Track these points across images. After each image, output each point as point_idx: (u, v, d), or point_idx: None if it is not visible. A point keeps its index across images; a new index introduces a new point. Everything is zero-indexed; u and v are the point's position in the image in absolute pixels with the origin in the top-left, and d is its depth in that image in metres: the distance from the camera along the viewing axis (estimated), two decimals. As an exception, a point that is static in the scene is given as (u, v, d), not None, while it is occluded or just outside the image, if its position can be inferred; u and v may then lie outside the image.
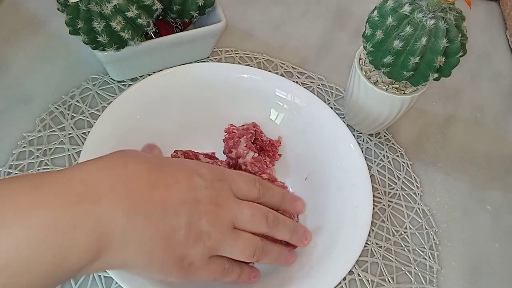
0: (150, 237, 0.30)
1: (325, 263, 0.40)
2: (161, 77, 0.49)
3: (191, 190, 0.33)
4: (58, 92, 0.55)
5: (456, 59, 0.44)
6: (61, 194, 0.27)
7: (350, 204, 0.43)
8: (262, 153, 0.50)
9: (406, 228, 0.51)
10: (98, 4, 0.46)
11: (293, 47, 0.65)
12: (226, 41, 0.63)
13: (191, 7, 0.54)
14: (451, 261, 0.49)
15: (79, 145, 0.51)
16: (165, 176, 0.33)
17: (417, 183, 0.55)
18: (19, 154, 0.50)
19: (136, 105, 0.47)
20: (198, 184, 0.34)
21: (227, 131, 0.50)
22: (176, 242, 0.32)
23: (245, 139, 0.48)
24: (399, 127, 0.59)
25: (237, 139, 0.48)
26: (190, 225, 0.32)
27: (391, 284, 0.47)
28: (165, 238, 0.31)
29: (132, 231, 0.29)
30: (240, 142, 0.48)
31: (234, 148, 0.48)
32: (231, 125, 0.51)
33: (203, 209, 0.33)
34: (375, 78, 0.50)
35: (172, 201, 0.32)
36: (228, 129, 0.50)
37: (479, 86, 0.66)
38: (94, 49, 0.50)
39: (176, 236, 0.32)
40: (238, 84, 0.50)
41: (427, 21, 0.42)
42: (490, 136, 0.61)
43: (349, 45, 0.66)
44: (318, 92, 0.60)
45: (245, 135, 0.48)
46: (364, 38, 0.46)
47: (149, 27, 0.50)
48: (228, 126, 0.51)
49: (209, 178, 0.35)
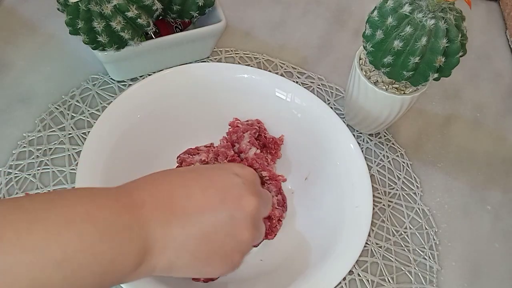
0: (189, 236, 0.32)
1: (325, 263, 0.40)
2: (161, 77, 0.49)
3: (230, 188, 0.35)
4: (58, 92, 0.55)
5: (456, 59, 0.44)
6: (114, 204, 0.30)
7: (350, 204, 0.43)
8: (264, 150, 0.50)
9: (406, 228, 0.51)
10: (98, 4, 0.46)
11: (293, 47, 0.65)
12: (226, 41, 0.63)
13: (191, 7, 0.54)
14: (451, 261, 0.49)
15: (79, 145, 0.51)
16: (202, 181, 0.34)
17: (417, 183, 0.55)
18: (19, 154, 0.50)
19: (136, 105, 0.47)
20: (236, 182, 0.35)
21: (231, 124, 0.50)
22: (220, 239, 0.33)
23: (249, 134, 0.48)
24: (399, 127, 0.59)
25: (241, 133, 0.48)
26: (233, 221, 0.33)
27: (391, 284, 0.47)
28: (206, 235, 0.32)
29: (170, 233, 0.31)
30: (243, 137, 0.48)
31: (237, 142, 0.48)
32: (235, 119, 0.50)
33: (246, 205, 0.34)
34: (375, 78, 0.50)
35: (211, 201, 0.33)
36: (232, 122, 0.50)
37: (479, 86, 0.66)
38: (94, 49, 0.50)
39: (220, 233, 0.33)
40: (238, 84, 0.50)
41: (427, 21, 0.42)
42: (490, 136, 0.61)
43: (349, 45, 0.66)
44: (318, 92, 0.60)
45: (249, 131, 0.48)
46: (364, 38, 0.46)
47: (149, 27, 0.50)
48: (233, 120, 0.50)
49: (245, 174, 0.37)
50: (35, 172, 0.49)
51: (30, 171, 0.49)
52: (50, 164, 0.50)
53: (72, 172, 0.50)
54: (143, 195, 0.31)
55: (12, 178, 0.48)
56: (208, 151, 0.48)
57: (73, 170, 0.50)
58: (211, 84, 0.50)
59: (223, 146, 0.48)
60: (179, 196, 0.33)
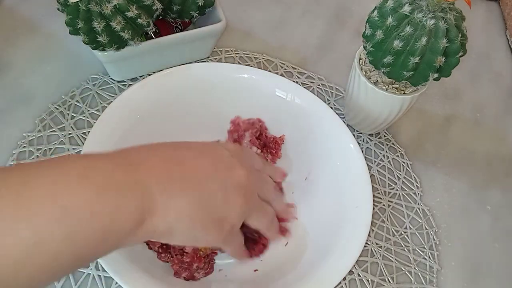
0: (188, 200, 0.32)
1: (325, 263, 0.40)
2: (161, 77, 0.49)
3: (220, 159, 0.36)
4: (58, 92, 0.55)
5: (456, 59, 0.44)
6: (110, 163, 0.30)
7: (350, 204, 0.43)
8: (265, 149, 0.50)
9: (406, 228, 0.51)
10: (98, 4, 0.46)
11: (293, 47, 0.65)
12: (226, 41, 0.63)
13: (191, 7, 0.54)
14: (451, 261, 0.50)
15: (79, 145, 0.51)
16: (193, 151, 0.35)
17: (417, 183, 0.55)
18: (19, 154, 0.50)
19: (136, 105, 0.47)
20: (225, 154, 0.36)
21: (233, 122, 0.50)
22: (214, 205, 0.33)
23: (249, 133, 0.48)
24: (399, 127, 0.59)
25: (242, 132, 0.48)
26: (226, 189, 0.34)
27: (391, 284, 0.47)
28: (203, 200, 0.33)
29: (170, 196, 0.31)
30: (244, 136, 0.48)
31: (238, 141, 0.48)
32: (237, 117, 0.51)
33: (236, 175, 0.35)
34: (375, 78, 0.50)
35: (204, 168, 0.34)
36: (234, 120, 0.50)
37: (479, 86, 0.66)
38: (94, 49, 0.50)
39: (213, 199, 0.33)
40: (238, 84, 0.50)
41: (427, 21, 0.42)
42: (490, 136, 0.61)
43: (349, 45, 0.66)
44: (318, 92, 0.60)
45: (250, 129, 0.48)
46: (364, 38, 0.46)
47: (149, 27, 0.50)
48: (235, 117, 0.51)
49: (233, 149, 0.38)
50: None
51: (30, 171, 0.49)
52: (50, 164, 0.50)
53: (72, 172, 0.49)
54: (138, 157, 0.31)
55: (12, 178, 0.48)
56: None
57: (73, 170, 0.50)
58: (211, 84, 0.50)
59: None
60: (173, 162, 0.33)
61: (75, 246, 0.26)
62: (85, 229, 0.27)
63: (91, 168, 0.28)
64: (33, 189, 0.26)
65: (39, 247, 0.25)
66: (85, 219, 0.26)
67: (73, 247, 0.26)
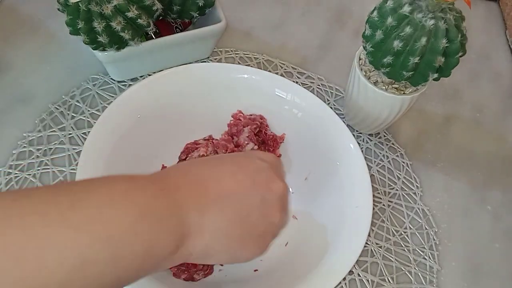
0: (226, 219, 0.32)
1: (325, 263, 0.40)
2: (161, 77, 0.49)
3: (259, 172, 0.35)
4: (58, 92, 0.55)
5: (456, 59, 0.44)
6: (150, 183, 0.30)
7: (350, 204, 0.43)
8: (263, 146, 0.50)
9: (406, 228, 0.51)
10: (98, 4, 0.46)
11: (293, 47, 0.65)
12: (226, 41, 0.63)
13: (191, 7, 0.54)
14: (451, 261, 0.50)
15: (79, 145, 0.51)
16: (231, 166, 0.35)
17: (417, 183, 0.55)
18: (19, 154, 0.50)
19: (136, 105, 0.47)
20: (263, 166, 0.36)
21: (234, 116, 0.50)
22: (254, 221, 0.33)
23: (248, 129, 0.48)
24: (399, 127, 0.59)
25: (241, 127, 0.48)
26: (265, 202, 0.34)
27: (391, 284, 0.47)
28: (242, 217, 0.33)
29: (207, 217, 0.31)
30: (243, 132, 0.48)
31: (236, 136, 0.48)
32: (239, 111, 0.51)
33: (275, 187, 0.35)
34: (375, 78, 0.50)
35: (243, 184, 0.34)
36: (235, 115, 0.50)
37: (479, 86, 0.66)
38: (94, 49, 0.50)
39: (253, 215, 0.33)
40: (238, 84, 0.50)
41: (427, 21, 0.42)
42: (490, 136, 0.61)
43: (349, 45, 0.66)
44: (318, 92, 0.60)
45: (250, 125, 0.48)
46: (364, 38, 0.46)
47: (149, 28, 0.50)
48: (236, 112, 0.51)
49: (270, 160, 0.38)
50: (35, 172, 0.49)
51: (30, 171, 0.49)
52: (50, 164, 0.50)
53: (72, 172, 0.50)
54: (176, 181, 0.32)
55: (12, 178, 0.48)
56: (206, 144, 0.48)
57: (73, 170, 0.50)
58: (211, 85, 0.50)
59: (223, 139, 0.48)
60: (210, 181, 0.33)
61: (117, 269, 0.26)
62: (128, 253, 0.27)
63: (134, 191, 0.29)
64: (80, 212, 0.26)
65: (84, 269, 0.25)
66: (127, 242, 0.26)
67: (115, 270, 0.26)
